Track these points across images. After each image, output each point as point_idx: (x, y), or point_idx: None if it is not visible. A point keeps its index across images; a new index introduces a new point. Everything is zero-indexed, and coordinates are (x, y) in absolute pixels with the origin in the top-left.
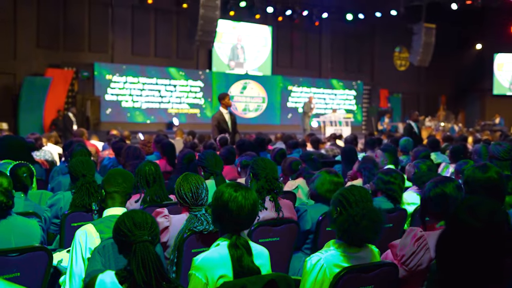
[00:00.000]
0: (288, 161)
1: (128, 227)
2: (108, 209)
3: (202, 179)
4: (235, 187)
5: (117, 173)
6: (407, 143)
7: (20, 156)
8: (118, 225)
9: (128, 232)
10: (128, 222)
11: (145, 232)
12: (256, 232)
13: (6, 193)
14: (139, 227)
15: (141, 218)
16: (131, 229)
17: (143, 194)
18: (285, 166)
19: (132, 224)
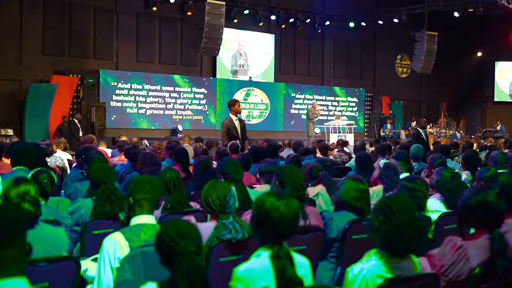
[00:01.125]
0: (308, 167)
1: (172, 237)
2: (136, 217)
3: (230, 187)
4: (276, 195)
5: (145, 180)
6: (418, 150)
7: (34, 163)
8: (161, 235)
9: (172, 243)
10: (172, 232)
11: (190, 242)
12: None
13: (33, 202)
14: (183, 237)
15: (185, 228)
16: (175, 240)
17: (163, 201)
18: (304, 173)
19: (176, 234)
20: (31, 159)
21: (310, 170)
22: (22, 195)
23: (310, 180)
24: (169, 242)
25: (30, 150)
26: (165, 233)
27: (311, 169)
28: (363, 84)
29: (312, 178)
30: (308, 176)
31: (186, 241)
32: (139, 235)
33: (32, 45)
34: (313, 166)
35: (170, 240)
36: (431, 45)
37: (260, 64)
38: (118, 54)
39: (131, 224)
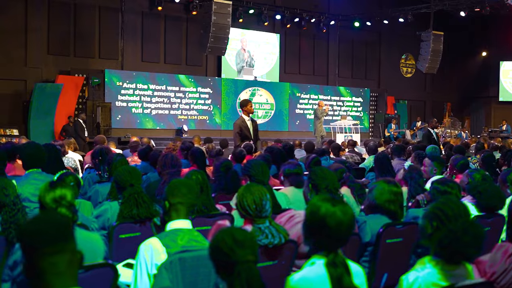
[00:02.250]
0: (331, 168)
1: (229, 245)
2: (172, 221)
3: (266, 190)
4: (331, 201)
5: (181, 184)
6: (434, 151)
7: (47, 164)
8: (217, 244)
9: (230, 252)
10: (229, 240)
11: (248, 251)
12: None
13: (70, 207)
14: (241, 246)
15: (242, 235)
16: (233, 248)
17: None
18: None
19: (234, 242)
20: (44, 161)
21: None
22: (58, 199)
23: None
24: (227, 251)
25: (41, 151)
26: (221, 242)
27: (335, 171)
28: (368, 84)
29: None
30: None
31: (244, 249)
32: (176, 240)
33: (37, 45)
34: (337, 168)
35: (228, 249)
36: (437, 45)
37: (265, 63)
38: (123, 53)
39: (167, 229)
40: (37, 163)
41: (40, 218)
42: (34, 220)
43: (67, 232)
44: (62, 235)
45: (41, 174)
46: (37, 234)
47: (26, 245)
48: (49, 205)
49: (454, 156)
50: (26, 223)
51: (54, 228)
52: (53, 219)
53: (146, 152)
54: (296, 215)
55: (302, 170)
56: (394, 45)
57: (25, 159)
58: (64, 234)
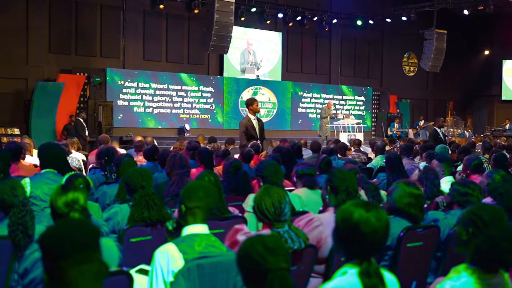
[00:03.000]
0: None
1: (260, 253)
2: (188, 226)
3: (285, 193)
4: (365, 206)
5: (198, 187)
6: (444, 150)
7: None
8: (247, 251)
9: (261, 260)
10: (260, 247)
11: (281, 258)
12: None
13: (83, 212)
14: (273, 253)
15: (273, 242)
16: (264, 256)
17: None
18: None
19: (265, 249)
20: (60, 162)
21: None
22: (70, 203)
23: None
24: (258, 259)
25: (60, 153)
26: (251, 250)
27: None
28: (370, 82)
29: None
30: None
31: (276, 257)
32: (193, 246)
33: (39, 44)
34: (350, 168)
35: (259, 257)
36: (440, 43)
37: (267, 62)
38: (125, 52)
39: (183, 234)
40: (54, 164)
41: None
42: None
43: (97, 240)
44: (93, 242)
45: (56, 175)
46: (67, 239)
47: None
48: (61, 209)
49: (468, 156)
50: (53, 228)
51: (86, 234)
52: (83, 225)
53: (151, 152)
54: (315, 218)
55: (315, 171)
56: (397, 44)
57: (43, 158)
58: (95, 242)
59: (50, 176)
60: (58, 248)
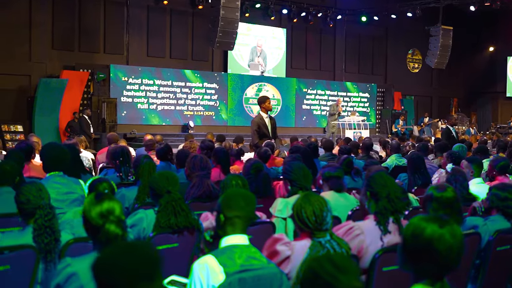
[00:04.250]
0: (372, 170)
1: (330, 273)
2: (227, 237)
3: (325, 200)
4: (438, 221)
5: (238, 195)
6: (462, 150)
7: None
8: (315, 272)
9: (332, 280)
10: (329, 266)
11: (352, 276)
12: (381, 260)
13: (120, 223)
14: (344, 272)
15: (343, 259)
16: (335, 275)
17: None
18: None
19: (335, 268)
20: (66, 163)
21: None
22: (105, 214)
23: None
24: (329, 279)
25: (63, 153)
26: (320, 270)
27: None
28: (375, 79)
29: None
30: None
31: (348, 275)
32: (233, 258)
33: (42, 40)
34: (378, 170)
35: (329, 277)
36: (446, 40)
37: (272, 59)
38: (128, 48)
39: (221, 246)
40: (59, 166)
41: (126, 249)
42: (118, 251)
43: (159, 269)
44: (154, 273)
45: (63, 177)
46: (125, 271)
47: (107, 284)
48: (95, 220)
49: (494, 157)
50: (108, 255)
51: (146, 264)
52: (143, 252)
53: (164, 151)
54: (355, 227)
55: (343, 173)
56: (401, 40)
57: (46, 161)
58: (156, 272)
59: (56, 179)
60: (114, 281)
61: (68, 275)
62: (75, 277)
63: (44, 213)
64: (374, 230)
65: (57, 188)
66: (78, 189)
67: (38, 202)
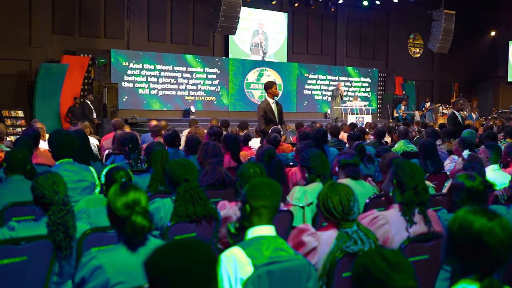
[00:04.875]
0: (387, 158)
1: (383, 270)
2: (254, 228)
3: (352, 189)
4: (487, 214)
5: (264, 184)
6: (471, 135)
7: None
8: (367, 269)
9: (386, 278)
10: (381, 263)
11: (407, 275)
12: (406, 251)
13: (146, 214)
14: (398, 270)
15: (396, 256)
16: (389, 273)
17: None
18: (383, 164)
19: (388, 266)
20: (75, 150)
21: (390, 162)
22: (131, 205)
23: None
24: (381, 277)
25: (72, 140)
26: (372, 267)
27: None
28: (376, 64)
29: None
30: (387, 168)
31: (403, 274)
32: (261, 250)
33: (42, 24)
34: (393, 157)
35: (382, 275)
36: (448, 24)
37: (273, 43)
38: (129, 33)
39: (248, 237)
40: (68, 153)
41: (183, 248)
42: (175, 250)
43: (215, 271)
44: (211, 276)
45: (73, 164)
46: (181, 273)
47: (157, 283)
48: (120, 211)
49: (508, 144)
50: (164, 254)
51: (203, 267)
52: (200, 253)
53: (172, 137)
54: (380, 216)
55: (359, 161)
56: (403, 25)
57: (55, 148)
58: (213, 275)
59: (66, 167)
60: (168, 282)
61: (93, 268)
62: (101, 270)
63: (57, 210)
64: (399, 220)
65: (67, 176)
66: (88, 176)
67: (52, 197)
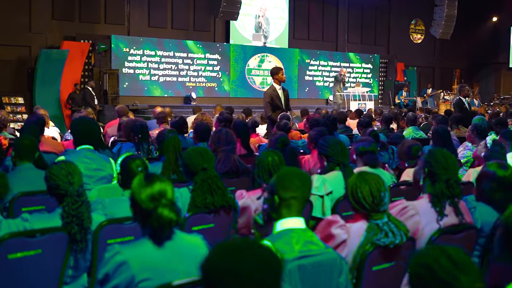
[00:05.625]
0: (406, 144)
1: (448, 270)
2: (283, 220)
3: (382, 179)
4: None
5: (293, 174)
6: (483, 121)
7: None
8: (431, 267)
9: (451, 279)
10: (446, 263)
11: (474, 277)
12: (437, 242)
13: (173, 206)
14: (464, 270)
15: (460, 255)
16: (454, 274)
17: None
18: (402, 151)
19: (453, 265)
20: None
21: (409, 149)
22: (157, 197)
23: (408, 160)
24: (446, 278)
25: (95, 127)
26: (436, 266)
27: (410, 148)
28: (377, 50)
29: (411, 157)
30: (406, 156)
31: (469, 275)
32: (291, 244)
33: (42, 10)
34: (412, 145)
35: (448, 276)
36: (451, 9)
37: (274, 29)
38: (129, 19)
39: (276, 230)
40: (89, 140)
41: (244, 250)
42: (235, 252)
43: (280, 277)
44: (274, 283)
45: (94, 152)
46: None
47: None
48: (145, 204)
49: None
50: (222, 255)
51: (266, 272)
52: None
53: (180, 124)
54: (410, 206)
55: (377, 148)
56: (404, 10)
57: (77, 135)
58: (277, 282)
59: (87, 154)
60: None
61: (118, 263)
62: (126, 266)
63: (72, 201)
64: (430, 211)
65: (86, 163)
66: (108, 167)
67: (67, 187)
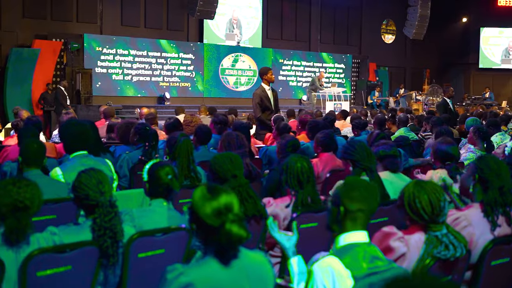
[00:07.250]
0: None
1: None
2: (347, 233)
3: (441, 188)
4: None
5: (361, 185)
6: (476, 122)
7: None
8: None
9: None
10: None
11: None
12: (490, 254)
13: (241, 222)
14: None
15: None
16: None
17: (293, 197)
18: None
19: None
20: (89, 141)
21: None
22: (223, 211)
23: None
24: None
25: (87, 131)
26: None
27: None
28: (350, 50)
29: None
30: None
31: None
32: (358, 259)
33: (12, 7)
34: (449, 144)
35: None
36: (424, 9)
37: (248, 29)
38: (102, 17)
39: (339, 244)
40: (83, 145)
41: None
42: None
43: None
44: None
45: (88, 157)
46: None
47: None
48: (210, 219)
49: None
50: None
51: None
52: None
53: (175, 126)
54: (462, 217)
55: (398, 152)
56: (376, 10)
57: (69, 140)
58: None
59: (82, 161)
60: None
61: (183, 285)
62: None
63: (104, 212)
64: (482, 221)
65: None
66: (106, 170)
67: (98, 198)
